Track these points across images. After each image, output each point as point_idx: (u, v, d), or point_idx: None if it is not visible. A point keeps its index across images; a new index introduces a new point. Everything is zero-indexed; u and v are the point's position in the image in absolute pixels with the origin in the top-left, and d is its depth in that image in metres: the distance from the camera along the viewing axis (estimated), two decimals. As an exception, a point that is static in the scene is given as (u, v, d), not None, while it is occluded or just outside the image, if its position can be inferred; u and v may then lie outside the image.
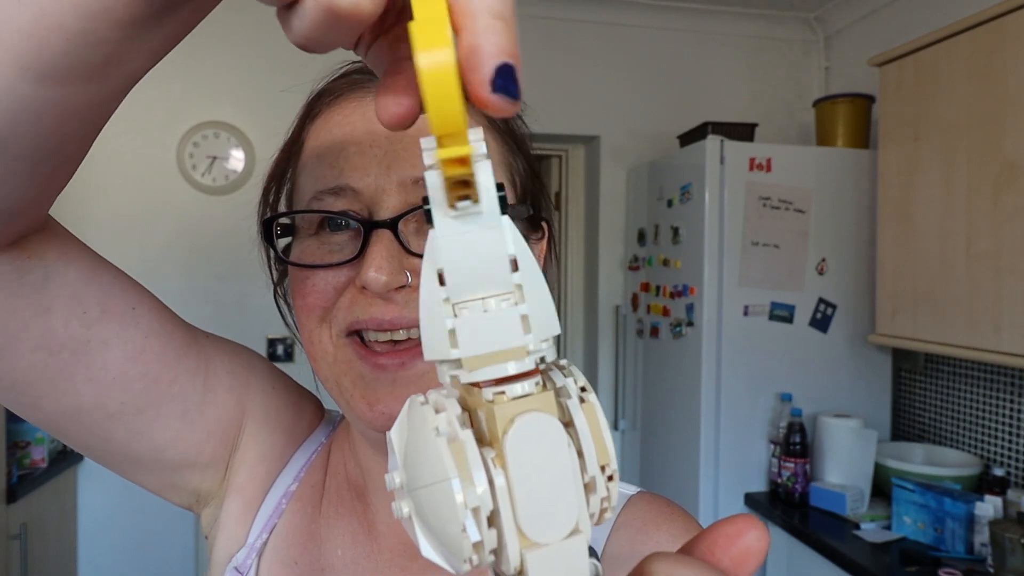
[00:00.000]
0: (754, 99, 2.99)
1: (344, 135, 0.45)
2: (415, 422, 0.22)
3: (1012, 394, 2.03)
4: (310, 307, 0.45)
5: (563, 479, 0.22)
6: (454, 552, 0.21)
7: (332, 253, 0.45)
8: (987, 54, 1.72)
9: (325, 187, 0.44)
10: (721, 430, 2.21)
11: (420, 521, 0.22)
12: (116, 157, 2.54)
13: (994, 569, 1.60)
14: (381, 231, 0.42)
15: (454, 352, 0.22)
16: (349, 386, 0.45)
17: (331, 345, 0.45)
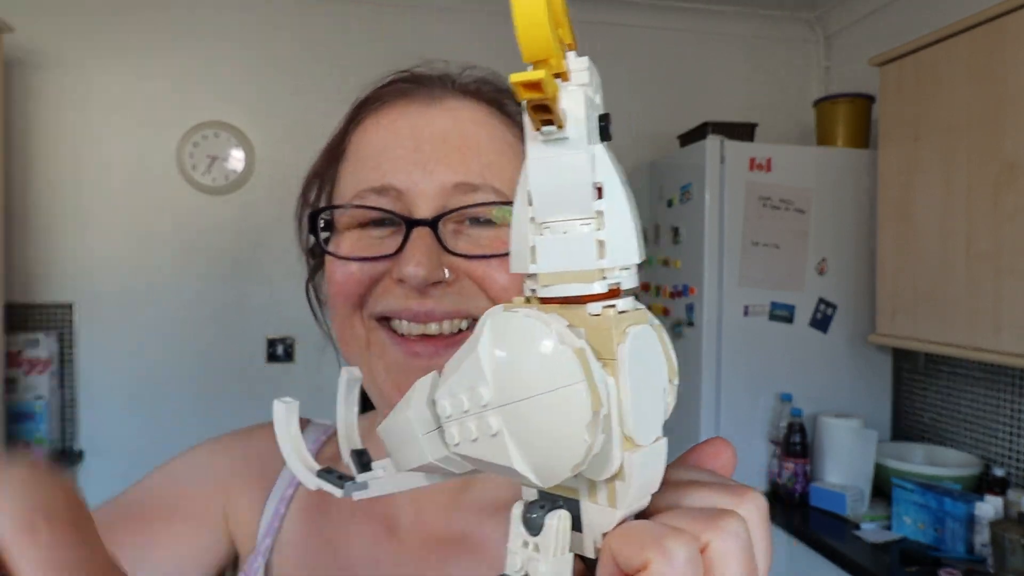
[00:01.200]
0: (754, 99, 2.99)
1: (389, 139, 0.48)
2: (515, 333, 0.23)
3: (1012, 394, 2.03)
4: (346, 294, 0.47)
5: (659, 387, 0.24)
6: (560, 460, 0.22)
7: (371, 247, 0.47)
8: (987, 54, 1.72)
9: (369, 186, 0.47)
10: (721, 430, 2.21)
11: (514, 435, 0.22)
12: (116, 157, 2.54)
13: (994, 569, 1.60)
14: (421, 229, 0.45)
15: (531, 267, 0.24)
16: (382, 372, 0.47)
17: (363, 329, 0.48)
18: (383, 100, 0.50)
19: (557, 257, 0.23)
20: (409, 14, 2.71)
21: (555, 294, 0.23)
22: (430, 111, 0.49)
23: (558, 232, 0.23)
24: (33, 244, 2.49)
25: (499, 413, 0.22)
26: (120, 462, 2.55)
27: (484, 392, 0.23)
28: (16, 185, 2.45)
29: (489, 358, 0.23)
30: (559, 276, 0.23)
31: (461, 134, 0.47)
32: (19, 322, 2.47)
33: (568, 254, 0.23)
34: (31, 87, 2.47)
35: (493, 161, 0.48)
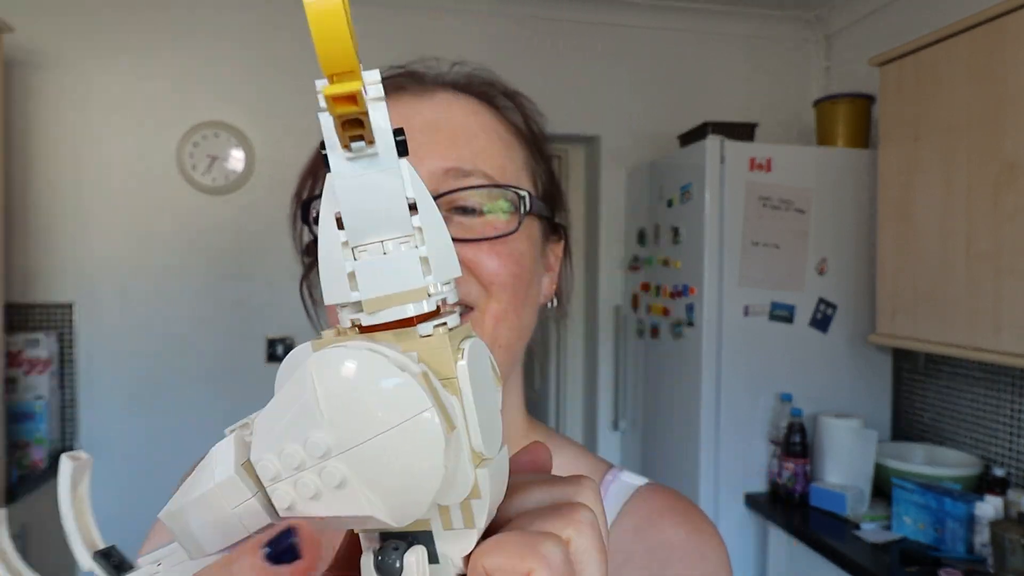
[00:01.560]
0: (754, 99, 2.99)
1: None
2: (349, 369, 0.21)
3: (1012, 394, 2.03)
4: None
5: (495, 396, 0.24)
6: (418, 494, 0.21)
7: None
8: (987, 54, 1.72)
9: None
10: (721, 430, 2.21)
11: (364, 480, 0.21)
12: (116, 157, 2.54)
13: (994, 569, 1.60)
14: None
15: (354, 295, 0.22)
16: None
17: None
18: None
19: (382, 280, 0.22)
20: (409, 14, 2.71)
21: (384, 319, 0.22)
22: (420, 102, 0.49)
23: (377, 254, 0.22)
24: (33, 244, 2.49)
25: (343, 459, 0.21)
26: (120, 462, 2.55)
27: (322, 439, 0.20)
28: (16, 185, 2.45)
29: (324, 401, 0.21)
30: (386, 300, 0.22)
31: (451, 122, 0.48)
32: (19, 322, 2.47)
33: (393, 275, 0.22)
34: (31, 87, 2.47)
35: (484, 147, 0.48)
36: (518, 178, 0.50)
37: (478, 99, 0.51)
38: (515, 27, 2.80)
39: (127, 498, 2.56)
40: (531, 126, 0.53)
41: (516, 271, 0.46)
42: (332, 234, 0.22)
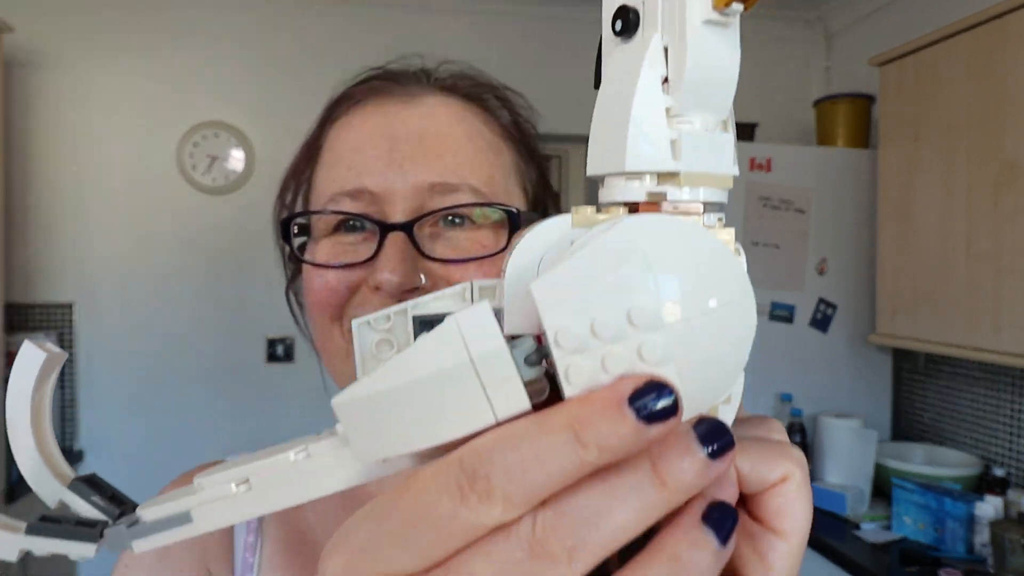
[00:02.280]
0: (754, 99, 2.99)
1: (363, 139, 0.46)
2: (689, 240, 0.18)
3: (1012, 394, 2.03)
4: (323, 305, 0.46)
5: None
6: (718, 387, 0.19)
7: (347, 253, 0.46)
8: (987, 54, 1.72)
9: (342, 189, 0.45)
10: (721, 430, 2.21)
11: (681, 358, 0.18)
12: (116, 157, 2.54)
13: (994, 569, 1.60)
14: (396, 233, 0.43)
15: (674, 164, 0.19)
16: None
17: (343, 340, 0.46)
18: (357, 98, 0.49)
19: (707, 156, 0.20)
20: (409, 14, 2.71)
21: (701, 198, 0.20)
22: (406, 109, 0.47)
23: (700, 127, 0.20)
24: (33, 244, 2.49)
25: (667, 334, 0.18)
26: (120, 462, 2.55)
27: (644, 308, 0.17)
28: (16, 185, 2.45)
29: (659, 268, 0.18)
30: (705, 178, 0.20)
31: (438, 132, 0.46)
32: (19, 322, 2.47)
33: (716, 155, 0.20)
34: (31, 87, 2.47)
35: (471, 159, 0.46)
36: (507, 186, 0.48)
37: (465, 101, 0.49)
38: (515, 27, 2.80)
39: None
40: (520, 125, 0.52)
41: None
42: (656, 96, 0.19)
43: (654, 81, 0.19)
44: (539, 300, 0.18)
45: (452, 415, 0.19)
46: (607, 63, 0.21)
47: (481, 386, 0.18)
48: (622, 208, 0.20)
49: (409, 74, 0.50)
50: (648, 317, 0.18)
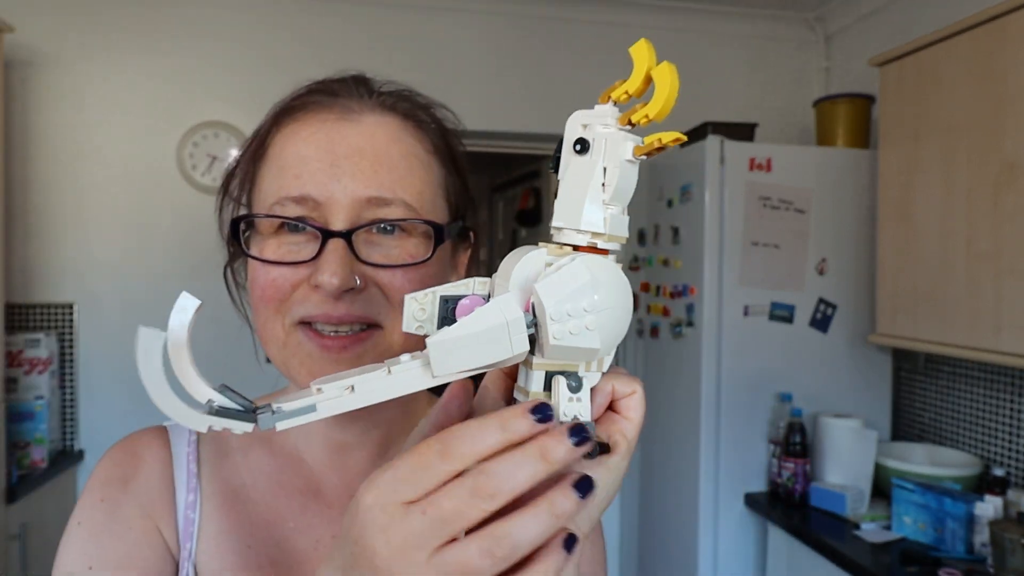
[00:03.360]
0: (754, 99, 2.99)
1: (308, 150, 0.52)
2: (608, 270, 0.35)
3: (1012, 394, 2.03)
4: (267, 299, 0.53)
5: None
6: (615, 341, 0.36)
7: (290, 252, 0.52)
8: (987, 54, 1.72)
9: (288, 194, 0.51)
10: (721, 430, 2.21)
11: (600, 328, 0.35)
12: (116, 157, 2.54)
13: (994, 569, 1.60)
14: (336, 240, 0.49)
15: (603, 229, 0.35)
16: (296, 365, 0.53)
17: (282, 332, 0.53)
18: (304, 108, 0.54)
19: (618, 227, 0.36)
20: (409, 14, 2.71)
21: (612, 247, 0.36)
22: (346, 126, 0.53)
23: (617, 212, 0.36)
24: (33, 244, 2.49)
25: (596, 315, 0.34)
26: (120, 462, 2.55)
27: (591, 303, 0.34)
28: (16, 185, 2.45)
29: (594, 282, 0.34)
30: (616, 238, 0.36)
31: (375, 150, 0.52)
32: (19, 322, 2.47)
33: (621, 227, 0.36)
34: (31, 87, 2.47)
35: (404, 176, 0.52)
36: (434, 199, 0.55)
37: (402, 119, 0.55)
38: (515, 27, 2.80)
39: (127, 498, 2.56)
40: (449, 142, 0.59)
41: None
42: (598, 193, 0.35)
43: (597, 185, 0.35)
44: (540, 292, 0.34)
45: (490, 350, 0.35)
46: (568, 164, 0.37)
47: (508, 336, 0.35)
48: (572, 247, 0.36)
49: (350, 89, 0.56)
50: (592, 307, 0.34)
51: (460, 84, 2.75)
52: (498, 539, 0.30)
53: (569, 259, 0.35)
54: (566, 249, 0.36)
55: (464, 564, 0.30)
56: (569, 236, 0.36)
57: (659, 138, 0.34)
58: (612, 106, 0.36)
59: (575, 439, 0.31)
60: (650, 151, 0.34)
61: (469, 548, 0.30)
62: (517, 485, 0.30)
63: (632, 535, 2.77)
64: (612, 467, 0.36)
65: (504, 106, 2.78)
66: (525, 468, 0.30)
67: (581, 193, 0.35)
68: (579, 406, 0.36)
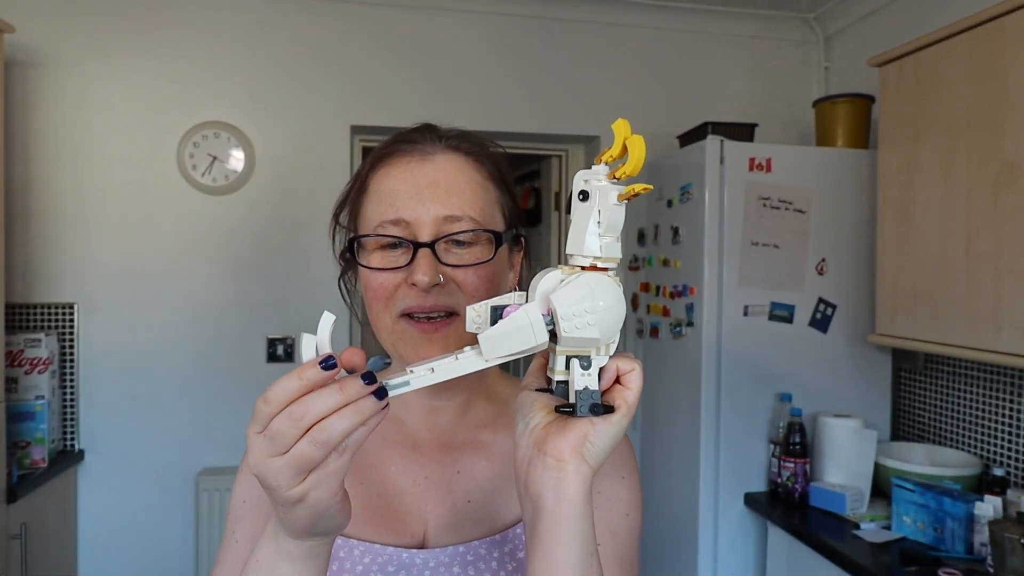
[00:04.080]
0: (754, 99, 2.99)
1: (398, 185, 0.69)
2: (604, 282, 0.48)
3: (1012, 394, 2.03)
4: (378, 297, 0.69)
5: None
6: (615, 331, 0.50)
7: (390, 262, 0.68)
8: (987, 54, 1.72)
9: (387, 218, 0.68)
10: (721, 430, 2.21)
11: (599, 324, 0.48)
12: (116, 157, 2.54)
13: (994, 569, 1.60)
14: (424, 249, 0.66)
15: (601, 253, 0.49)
16: (403, 346, 0.68)
17: (391, 322, 0.69)
18: (392, 155, 0.72)
19: (611, 251, 0.49)
20: (409, 14, 2.71)
21: (608, 266, 0.49)
22: (425, 164, 0.70)
23: (610, 240, 0.49)
24: (34, 244, 2.49)
25: (596, 314, 0.48)
26: (120, 462, 2.55)
27: (590, 306, 0.48)
28: (16, 185, 2.45)
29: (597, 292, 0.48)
30: (611, 260, 0.49)
31: (447, 180, 0.69)
32: (20, 322, 2.47)
33: (614, 250, 0.50)
34: (31, 87, 2.47)
35: (470, 199, 0.69)
36: (492, 214, 0.72)
37: (464, 155, 0.72)
38: (515, 27, 2.80)
39: (127, 498, 2.56)
40: (500, 169, 0.75)
41: (488, 286, 0.69)
42: (595, 228, 0.49)
43: (594, 224, 0.49)
44: (555, 301, 0.48)
45: (522, 341, 0.49)
46: (575, 209, 0.50)
47: (533, 332, 0.49)
48: (580, 268, 0.50)
49: (425, 137, 0.72)
50: (592, 309, 0.48)
51: (460, 84, 2.75)
52: (318, 431, 0.44)
53: (576, 276, 0.49)
54: (575, 269, 0.50)
55: (301, 454, 0.45)
56: (577, 260, 0.50)
57: (632, 188, 0.48)
58: (604, 166, 0.49)
59: (366, 380, 0.45)
60: (629, 197, 0.48)
61: (302, 443, 0.45)
62: (320, 410, 0.44)
63: (632, 535, 2.76)
64: (615, 422, 0.52)
65: (504, 106, 2.78)
66: (326, 399, 0.44)
67: (583, 229, 0.49)
68: (589, 379, 0.51)
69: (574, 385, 0.51)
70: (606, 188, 0.48)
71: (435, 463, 0.75)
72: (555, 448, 0.52)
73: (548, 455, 0.52)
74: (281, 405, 0.45)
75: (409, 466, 0.75)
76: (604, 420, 0.51)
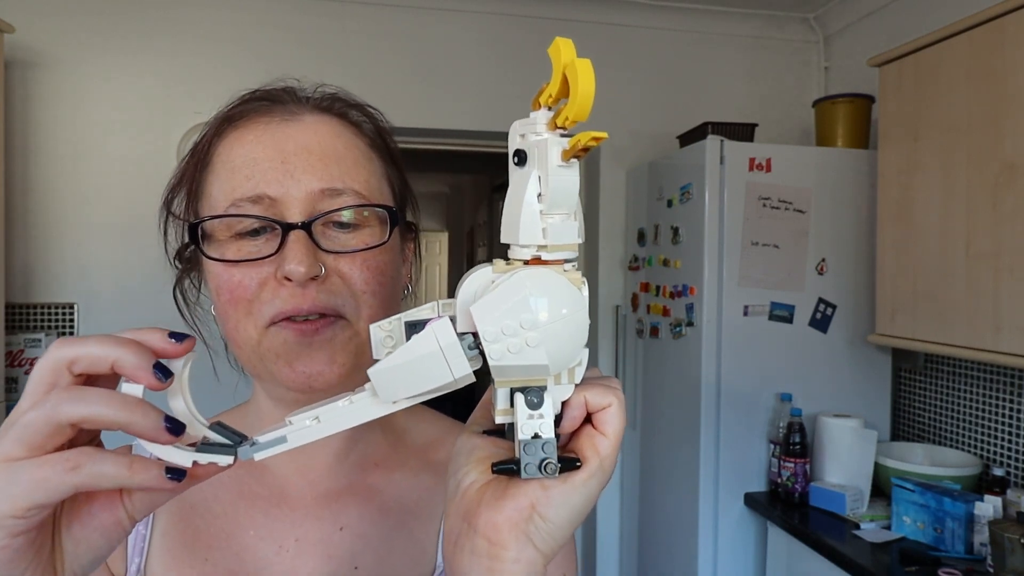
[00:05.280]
0: (754, 99, 2.99)
1: (257, 151, 0.53)
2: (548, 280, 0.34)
3: (1012, 394, 2.03)
4: (236, 300, 0.52)
5: None
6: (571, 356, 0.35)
7: (251, 253, 0.52)
8: (987, 54, 1.72)
9: (243, 195, 0.52)
10: (721, 430, 2.21)
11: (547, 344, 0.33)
12: (116, 157, 2.54)
13: (994, 569, 1.61)
14: (297, 231, 0.50)
15: (543, 240, 0.34)
16: (273, 358, 0.52)
17: (255, 333, 0.52)
18: (244, 116, 0.56)
19: (562, 235, 0.35)
20: (409, 14, 2.72)
21: (557, 257, 0.35)
22: (291, 126, 0.54)
23: (558, 220, 0.35)
24: (34, 244, 2.49)
25: (539, 331, 0.33)
26: (120, 462, 2.55)
27: (528, 319, 0.33)
28: (16, 185, 2.45)
29: (533, 297, 0.33)
30: (561, 247, 0.35)
31: (321, 145, 0.54)
32: (20, 322, 2.47)
33: (565, 234, 0.35)
34: (31, 87, 2.47)
35: (351, 168, 0.54)
36: (380, 188, 0.57)
37: (339, 118, 0.57)
38: (515, 27, 2.80)
39: (127, 498, 2.56)
40: (384, 136, 0.61)
41: (381, 280, 0.54)
42: (535, 204, 0.34)
43: (533, 196, 0.34)
44: (474, 314, 0.33)
45: (432, 375, 0.35)
46: (511, 179, 0.36)
47: (445, 361, 0.35)
48: (521, 262, 0.35)
49: (288, 95, 0.58)
50: (529, 323, 0.33)
51: (459, 84, 2.75)
52: (83, 458, 0.33)
53: (507, 276, 0.34)
54: (515, 264, 0.35)
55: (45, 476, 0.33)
56: (515, 252, 0.35)
57: (578, 140, 0.32)
58: (545, 111, 0.34)
59: (167, 425, 0.36)
60: (576, 153, 0.33)
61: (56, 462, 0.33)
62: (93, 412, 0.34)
63: (632, 535, 2.77)
64: (577, 484, 0.36)
65: (504, 106, 2.78)
66: (104, 407, 0.34)
67: (517, 205, 0.34)
68: (540, 422, 0.35)
69: (518, 433, 0.36)
70: (545, 143, 0.34)
71: (310, 519, 0.58)
72: (489, 523, 0.36)
73: (479, 533, 0.36)
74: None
75: (274, 528, 0.58)
76: (562, 482, 0.36)
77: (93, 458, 0.33)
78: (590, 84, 0.30)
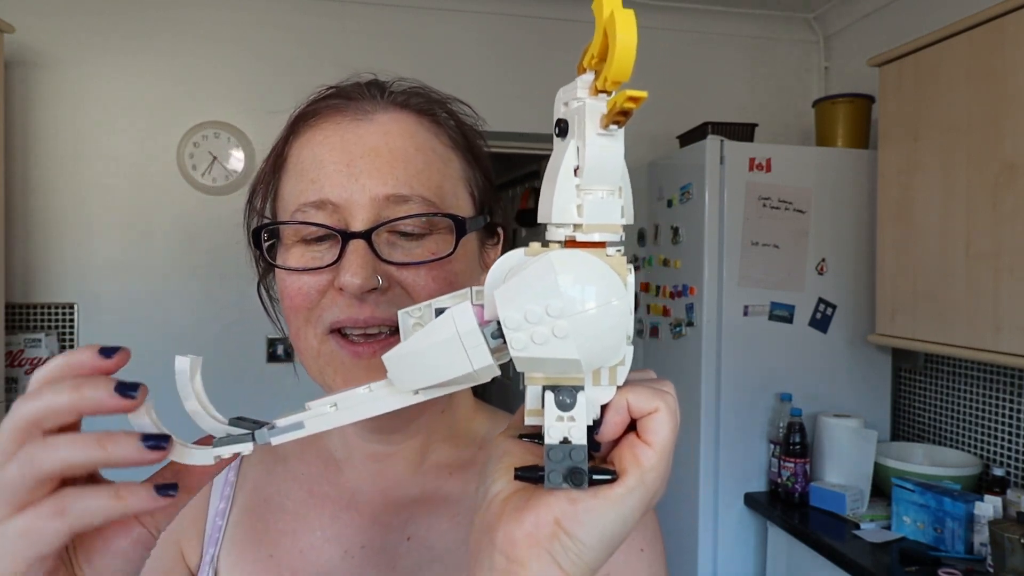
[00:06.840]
0: (754, 99, 2.99)
1: (324, 153, 0.51)
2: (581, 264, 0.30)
3: (1012, 394, 2.03)
4: (296, 307, 0.51)
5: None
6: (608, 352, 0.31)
7: (314, 260, 0.51)
8: (987, 54, 1.72)
9: (307, 200, 0.50)
10: (721, 430, 2.21)
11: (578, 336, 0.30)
12: (116, 157, 2.54)
13: (994, 569, 1.61)
14: (356, 241, 0.48)
15: (579, 219, 0.31)
16: (331, 373, 0.51)
17: (315, 341, 0.51)
18: (318, 114, 0.53)
19: (602, 213, 0.31)
20: (409, 14, 2.72)
21: (594, 239, 0.31)
22: (361, 126, 0.52)
23: (598, 196, 0.31)
24: (34, 244, 2.49)
25: (569, 320, 0.29)
26: (120, 462, 2.55)
27: (555, 306, 0.29)
28: (16, 185, 2.45)
29: (563, 281, 0.30)
30: (599, 227, 0.31)
31: (390, 147, 0.51)
32: (19, 322, 2.47)
33: (607, 212, 0.31)
34: (31, 87, 2.47)
35: (421, 171, 0.51)
36: (455, 193, 0.53)
37: (417, 115, 0.54)
38: (515, 27, 2.80)
39: (127, 498, 2.56)
40: (466, 134, 0.57)
41: (448, 290, 0.49)
42: (570, 178, 0.31)
43: (569, 170, 0.31)
44: (496, 299, 0.30)
45: (449, 365, 0.33)
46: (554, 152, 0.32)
47: (464, 349, 0.32)
48: (558, 244, 0.32)
49: (363, 92, 0.54)
50: (557, 310, 0.29)
51: (460, 84, 2.73)
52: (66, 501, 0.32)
53: (537, 258, 0.31)
54: (552, 248, 0.32)
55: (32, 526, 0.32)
56: (551, 233, 0.32)
57: (615, 101, 0.28)
58: (589, 74, 0.30)
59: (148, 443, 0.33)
60: (614, 118, 0.29)
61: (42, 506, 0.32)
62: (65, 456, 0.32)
63: (632, 535, 2.77)
64: (611, 500, 0.32)
65: (504, 106, 2.78)
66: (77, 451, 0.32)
67: (552, 181, 0.31)
68: (570, 426, 0.31)
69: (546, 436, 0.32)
70: (584, 109, 0.30)
71: (378, 526, 0.57)
72: (507, 537, 0.32)
73: (496, 548, 0.33)
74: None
75: (341, 531, 0.57)
76: (592, 496, 0.32)
77: (76, 498, 0.32)
78: (630, 36, 0.26)
